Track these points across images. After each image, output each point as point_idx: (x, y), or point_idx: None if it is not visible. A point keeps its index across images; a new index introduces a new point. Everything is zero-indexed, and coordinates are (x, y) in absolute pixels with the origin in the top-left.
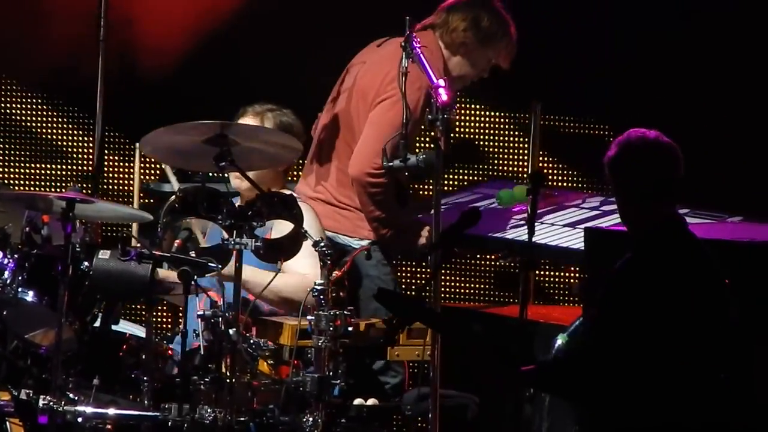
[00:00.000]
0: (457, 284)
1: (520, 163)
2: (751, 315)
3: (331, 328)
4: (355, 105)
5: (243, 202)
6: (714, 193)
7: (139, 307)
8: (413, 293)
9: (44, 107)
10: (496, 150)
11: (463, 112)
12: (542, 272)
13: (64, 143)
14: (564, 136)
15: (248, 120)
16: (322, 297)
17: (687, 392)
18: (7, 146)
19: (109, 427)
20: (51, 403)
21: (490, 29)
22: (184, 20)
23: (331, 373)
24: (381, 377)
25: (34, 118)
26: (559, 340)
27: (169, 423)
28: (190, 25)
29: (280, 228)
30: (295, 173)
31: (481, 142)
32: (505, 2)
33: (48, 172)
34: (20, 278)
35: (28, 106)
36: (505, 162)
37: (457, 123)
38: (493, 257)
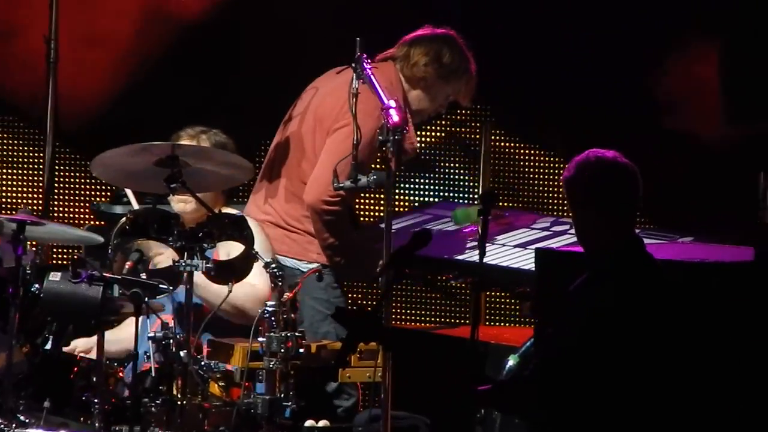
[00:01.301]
0: (409, 305)
1: (471, 183)
2: (704, 334)
3: (282, 350)
4: (308, 128)
5: (187, 225)
6: (665, 213)
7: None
8: (368, 313)
9: None
10: (446, 170)
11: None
12: (493, 293)
13: (15, 164)
14: (515, 155)
15: (184, 141)
16: (273, 318)
17: (640, 413)
18: None
19: None
20: (2, 426)
21: (451, 65)
22: (135, 41)
23: (282, 395)
24: (334, 400)
25: None
26: (511, 361)
27: None
28: (140, 45)
29: (228, 249)
30: (242, 194)
31: (430, 160)
32: (467, 40)
33: None
34: None
35: None
36: (456, 181)
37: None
38: (444, 278)
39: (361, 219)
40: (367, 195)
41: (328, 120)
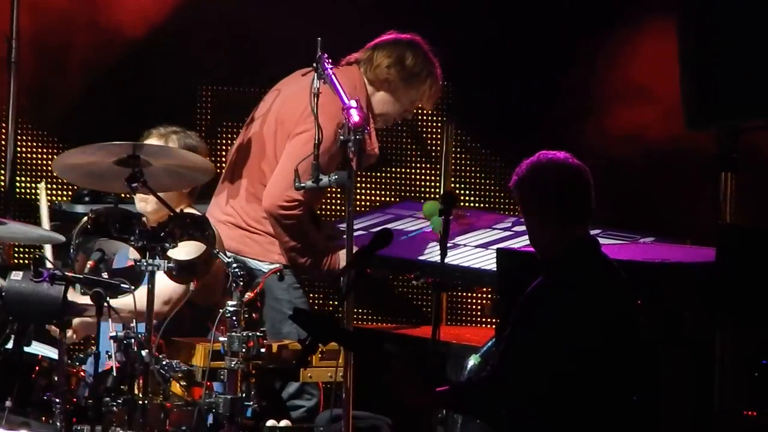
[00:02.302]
0: (369, 305)
1: (431, 182)
2: (663, 334)
3: (243, 350)
4: (270, 130)
5: (150, 224)
6: (626, 213)
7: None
8: (327, 313)
9: None
10: (408, 169)
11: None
12: (454, 293)
13: None
14: (476, 155)
15: (153, 142)
16: (234, 318)
17: (598, 414)
18: None
19: None
20: None
21: (414, 68)
22: (96, 37)
23: (243, 395)
24: (296, 400)
25: None
26: (472, 361)
27: None
28: (101, 42)
29: (186, 249)
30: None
31: (392, 159)
32: (433, 46)
33: None
34: None
35: None
36: (417, 181)
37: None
38: (405, 278)
39: (323, 218)
40: (329, 194)
41: (289, 123)
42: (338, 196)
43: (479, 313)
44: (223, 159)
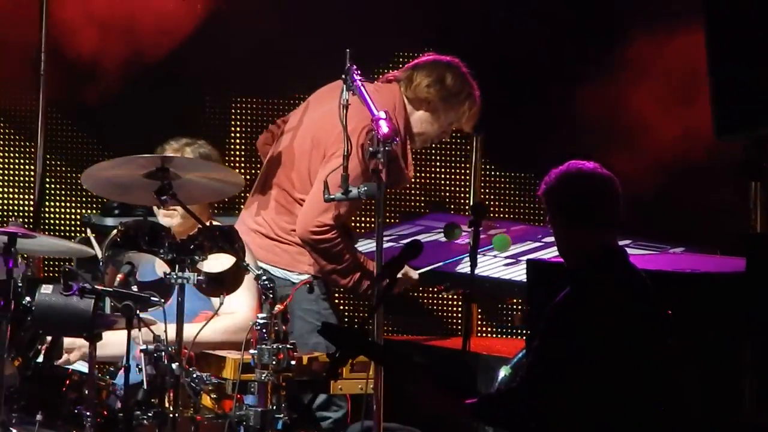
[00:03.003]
0: (400, 317)
1: (462, 193)
2: (693, 345)
3: (273, 362)
4: (305, 147)
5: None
6: (657, 224)
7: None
8: (355, 327)
9: None
10: (436, 180)
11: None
12: (485, 304)
13: (5, 175)
14: (505, 165)
15: (168, 153)
16: (264, 331)
17: (625, 424)
18: None
19: None
20: None
21: (454, 88)
22: (125, 51)
23: (274, 407)
24: (323, 412)
25: None
26: (503, 372)
27: None
28: (130, 55)
29: (217, 262)
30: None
31: (422, 172)
32: (470, 60)
33: None
34: None
35: None
36: (447, 192)
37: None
38: (435, 289)
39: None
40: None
41: (324, 144)
42: (367, 207)
43: (509, 325)
44: (248, 172)
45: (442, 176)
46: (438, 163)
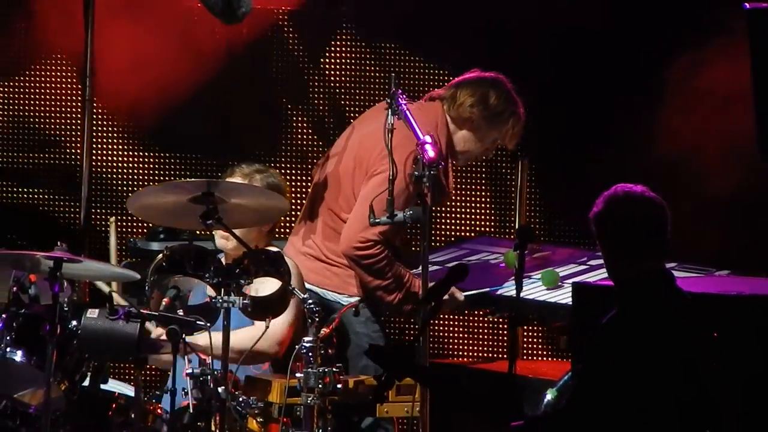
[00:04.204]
0: (446, 340)
1: (507, 217)
2: (738, 367)
3: (320, 386)
4: (347, 168)
5: (229, 261)
6: (701, 247)
7: (127, 366)
8: (402, 348)
9: (30, 163)
10: (480, 203)
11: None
12: (530, 327)
13: (51, 200)
14: (550, 189)
15: (236, 180)
16: (310, 354)
17: None
18: None
19: None
20: None
21: (497, 107)
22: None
23: (320, 431)
24: None
25: (19, 172)
26: (549, 395)
27: None
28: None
29: (263, 286)
30: (283, 231)
31: (464, 195)
32: (516, 84)
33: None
34: (8, 338)
35: (13, 157)
36: (492, 216)
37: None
38: (481, 313)
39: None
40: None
41: (367, 163)
42: (414, 231)
43: (556, 347)
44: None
45: (488, 199)
46: (483, 187)
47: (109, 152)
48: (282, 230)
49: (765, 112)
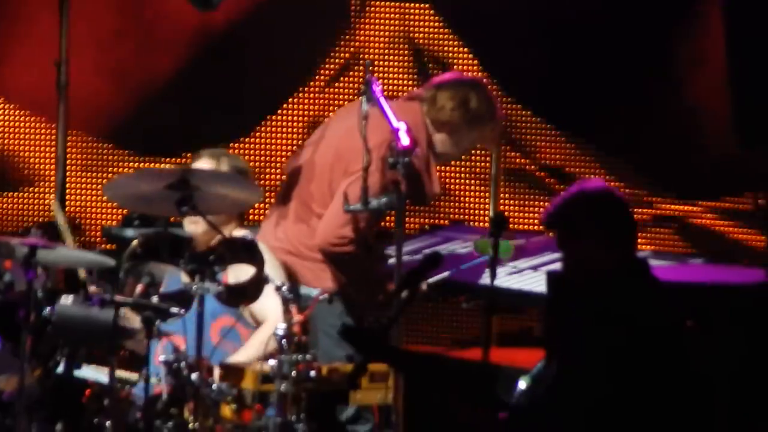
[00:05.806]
0: (418, 328)
1: (480, 205)
2: (714, 356)
3: (293, 373)
4: (325, 159)
5: (199, 246)
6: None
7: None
8: (376, 330)
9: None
10: (455, 192)
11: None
12: (505, 316)
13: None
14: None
15: (204, 163)
16: (284, 341)
17: None
18: None
19: None
20: None
21: (477, 111)
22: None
23: (293, 418)
24: (353, 425)
25: None
26: (522, 383)
27: None
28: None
29: (237, 273)
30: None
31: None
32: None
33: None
34: None
35: None
36: (464, 205)
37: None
38: (455, 301)
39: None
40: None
41: (347, 160)
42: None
43: (529, 336)
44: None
45: (462, 188)
46: (459, 174)
47: (85, 138)
48: (251, 215)
49: (741, 102)
